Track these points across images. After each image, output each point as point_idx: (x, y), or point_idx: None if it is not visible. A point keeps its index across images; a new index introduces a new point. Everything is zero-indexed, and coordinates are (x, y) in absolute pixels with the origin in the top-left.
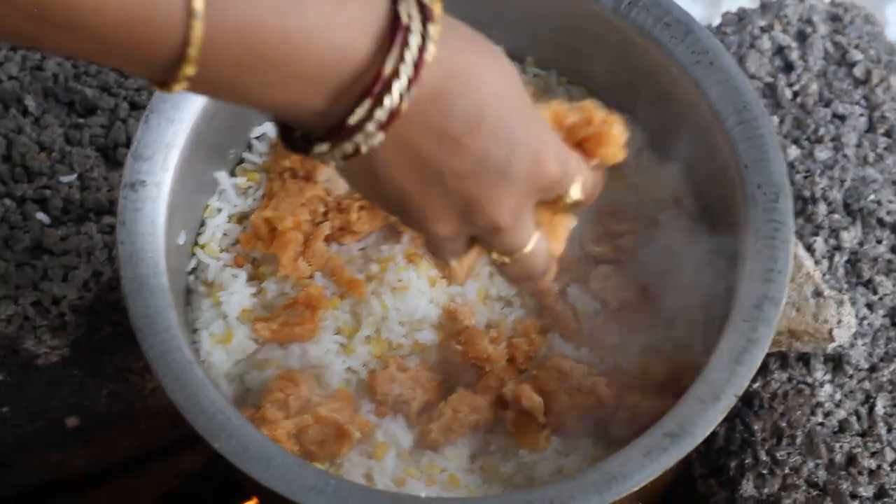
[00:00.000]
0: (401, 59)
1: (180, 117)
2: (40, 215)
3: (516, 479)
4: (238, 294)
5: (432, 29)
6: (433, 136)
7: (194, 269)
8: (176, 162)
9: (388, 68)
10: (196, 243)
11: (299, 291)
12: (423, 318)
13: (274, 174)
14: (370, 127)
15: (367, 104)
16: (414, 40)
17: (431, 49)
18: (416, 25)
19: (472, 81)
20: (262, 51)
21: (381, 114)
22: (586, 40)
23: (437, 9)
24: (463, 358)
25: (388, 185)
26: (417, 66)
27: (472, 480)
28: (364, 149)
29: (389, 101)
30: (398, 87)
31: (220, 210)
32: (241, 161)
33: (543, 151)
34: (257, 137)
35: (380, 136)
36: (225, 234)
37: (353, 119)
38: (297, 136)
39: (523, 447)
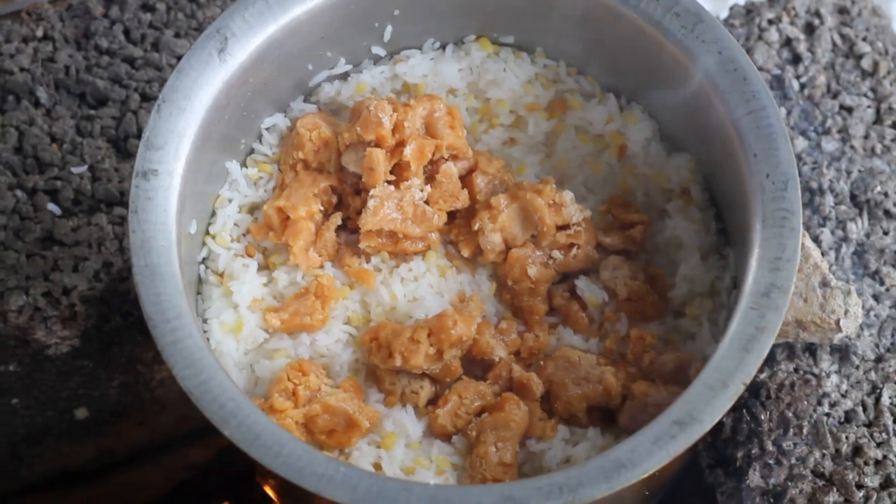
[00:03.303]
0: None
1: (192, 107)
2: (51, 206)
3: (525, 468)
4: (249, 284)
5: None
6: None
7: (205, 259)
8: (187, 152)
9: None
10: (207, 233)
11: (310, 281)
12: (432, 309)
13: (286, 166)
14: None
15: None
16: None
17: None
18: None
19: None
20: None
21: None
22: (595, 31)
23: None
24: (467, 354)
25: None
26: None
27: None
28: None
29: None
30: None
31: (230, 200)
32: (252, 151)
33: None
34: (268, 129)
35: None
36: (236, 225)
37: None
38: None
39: (530, 436)
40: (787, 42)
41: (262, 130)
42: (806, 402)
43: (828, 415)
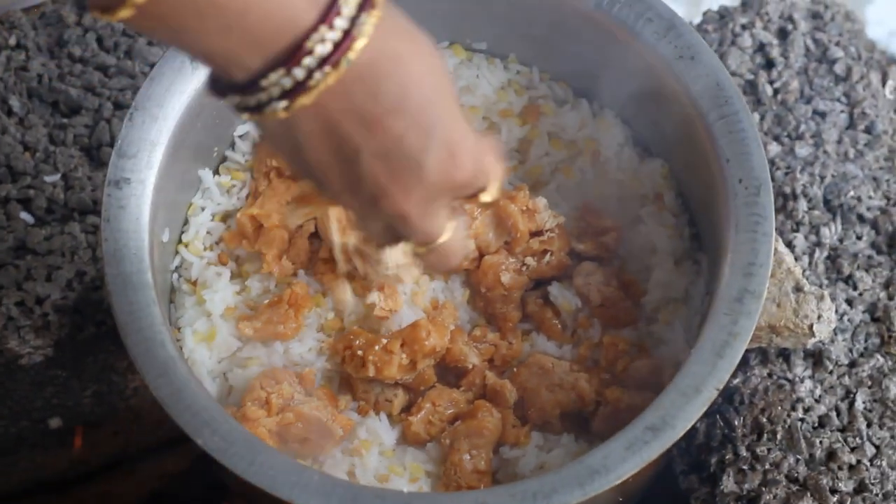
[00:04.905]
0: (321, 39)
1: (164, 115)
2: (24, 215)
3: (499, 475)
4: (222, 292)
5: (366, 16)
6: (354, 114)
7: (178, 268)
8: (160, 160)
9: (308, 44)
10: (180, 241)
11: (283, 289)
12: (405, 316)
13: (259, 174)
14: (274, 92)
15: (279, 72)
16: (340, 23)
17: (359, 34)
18: (348, 10)
19: (402, 68)
20: None
21: (287, 82)
22: (568, 36)
23: None
24: (441, 361)
25: (306, 153)
26: (338, 48)
27: None
28: (272, 111)
29: (299, 73)
30: (309, 61)
31: (203, 208)
32: (225, 159)
33: (460, 149)
34: (241, 136)
35: (283, 104)
36: (208, 233)
37: (264, 81)
38: (223, 83)
39: (504, 443)
40: (761, 47)
41: (235, 138)
42: (780, 408)
43: (802, 420)
